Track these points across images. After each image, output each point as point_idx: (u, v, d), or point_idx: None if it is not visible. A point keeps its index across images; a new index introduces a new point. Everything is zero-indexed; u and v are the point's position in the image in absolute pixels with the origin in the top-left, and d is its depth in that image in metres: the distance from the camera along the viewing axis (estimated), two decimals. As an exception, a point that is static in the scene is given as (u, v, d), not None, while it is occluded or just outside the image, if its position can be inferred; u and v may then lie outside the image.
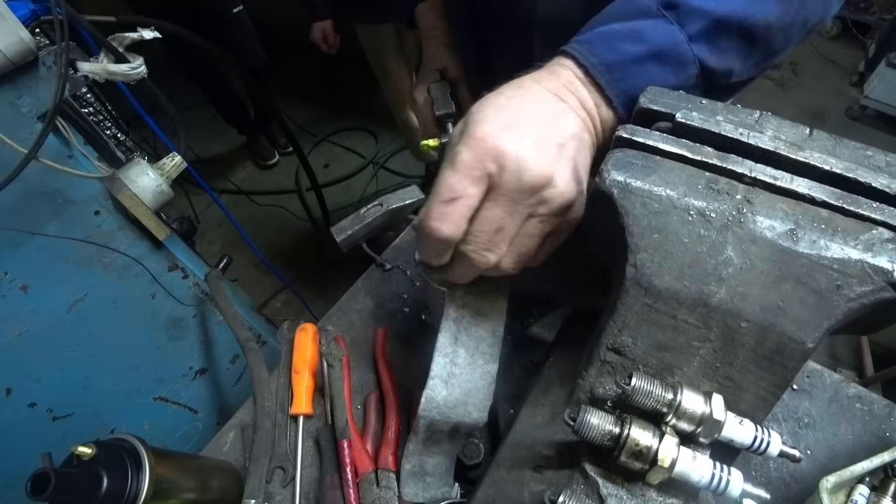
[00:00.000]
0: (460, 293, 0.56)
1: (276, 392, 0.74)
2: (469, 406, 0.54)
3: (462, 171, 0.41)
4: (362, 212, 0.83)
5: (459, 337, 0.55)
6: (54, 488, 0.44)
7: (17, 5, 0.80)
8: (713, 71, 0.49)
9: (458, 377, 0.55)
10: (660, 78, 0.46)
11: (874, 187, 0.41)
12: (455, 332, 0.56)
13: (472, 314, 0.56)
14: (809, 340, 0.39)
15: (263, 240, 2.71)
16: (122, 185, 0.95)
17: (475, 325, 0.56)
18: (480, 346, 0.55)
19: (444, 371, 0.55)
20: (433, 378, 0.54)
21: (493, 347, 0.55)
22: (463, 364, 0.55)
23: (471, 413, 0.54)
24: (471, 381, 0.55)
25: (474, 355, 0.55)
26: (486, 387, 0.55)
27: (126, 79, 0.89)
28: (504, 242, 0.44)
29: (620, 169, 0.44)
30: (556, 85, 0.46)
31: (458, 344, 0.55)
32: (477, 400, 0.54)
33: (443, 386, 0.54)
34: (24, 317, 0.94)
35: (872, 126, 3.05)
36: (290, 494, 0.66)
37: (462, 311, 0.56)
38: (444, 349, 0.55)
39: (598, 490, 0.41)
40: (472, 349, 0.55)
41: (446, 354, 0.55)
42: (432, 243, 0.44)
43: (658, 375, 0.44)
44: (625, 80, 0.47)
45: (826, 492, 0.54)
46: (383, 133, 3.20)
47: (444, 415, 0.54)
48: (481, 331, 0.55)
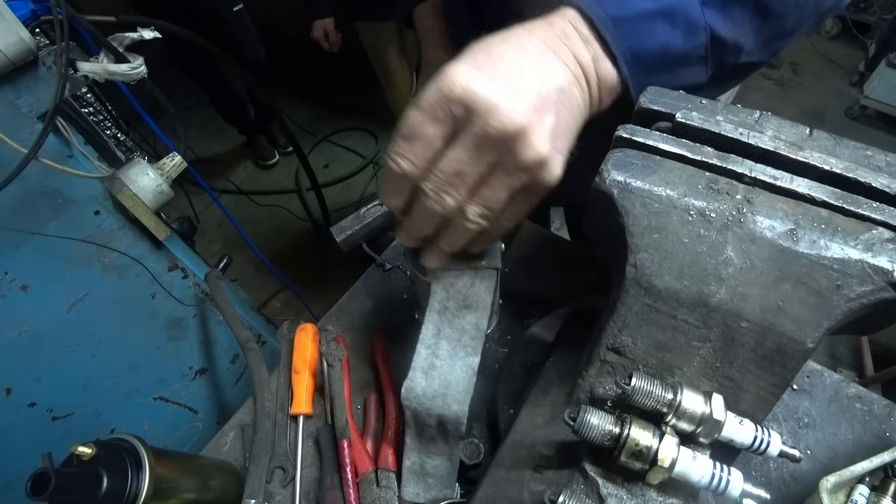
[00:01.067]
0: (445, 284, 0.56)
1: (276, 392, 0.74)
2: (448, 398, 0.54)
3: (426, 109, 0.39)
4: (362, 212, 0.83)
5: (442, 329, 0.56)
6: (54, 488, 0.44)
7: (17, 5, 0.79)
8: (724, 42, 0.47)
9: (439, 368, 0.55)
10: (669, 39, 0.44)
11: (874, 187, 0.41)
12: (438, 323, 0.56)
13: (456, 306, 0.56)
14: (809, 340, 0.39)
15: (263, 240, 2.71)
16: (122, 185, 0.95)
17: (458, 318, 0.56)
18: (463, 338, 0.55)
19: (425, 362, 0.55)
20: (413, 369, 0.55)
21: (476, 340, 0.55)
22: (444, 356, 0.55)
23: (450, 405, 0.54)
24: (451, 373, 0.55)
25: (456, 348, 0.55)
26: (467, 379, 0.55)
27: (126, 79, 0.89)
28: (463, 187, 0.41)
29: (620, 169, 0.44)
30: (549, 35, 0.43)
31: (441, 336, 0.56)
32: (456, 392, 0.54)
33: (422, 377, 0.55)
34: (24, 317, 0.94)
35: (872, 126, 3.05)
36: (290, 494, 0.66)
37: (446, 304, 0.56)
38: (427, 340, 0.56)
39: (598, 490, 0.41)
40: (455, 341, 0.55)
41: (428, 346, 0.56)
42: (389, 179, 0.42)
43: (658, 375, 0.44)
44: (632, 37, 0.44)
45: (826, 492, 0.54)
46: (383, 133, 3.20)
47: (423, 406, 0.55)
48: (465, 323, 0.55)
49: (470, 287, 0.56)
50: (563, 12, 0.45)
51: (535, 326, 0.77)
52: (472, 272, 0.56)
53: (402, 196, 0.44)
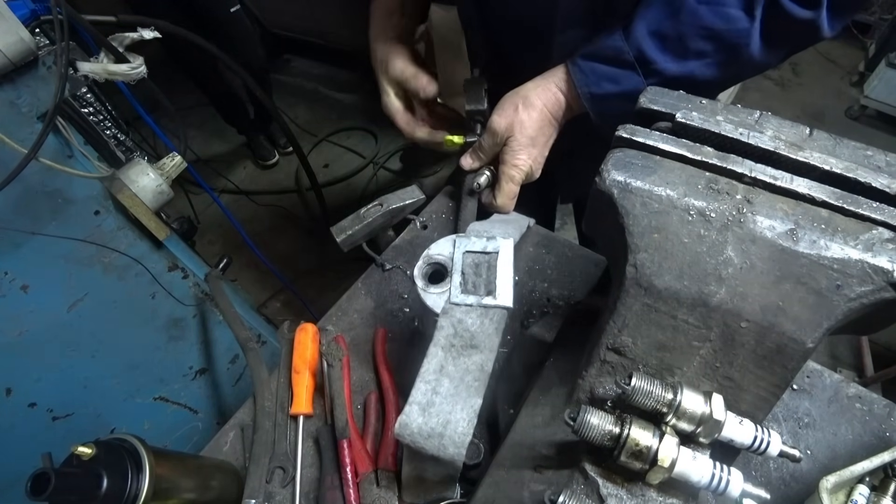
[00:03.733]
0: (454, 320, 0.55)
1: (276, 392, 0.74)
2: (445, 439, 0.50)
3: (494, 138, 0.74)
4: (362, 212, 0.83)
5: (446, 366, 0.53)
6: (54, 488, 0.44)
7: (17, 5, 0.79)
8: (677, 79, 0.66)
9: (438, 406, 0.51)
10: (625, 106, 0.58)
11: (874, 187, 0.41)
12: (442, 360, 0.54)
13: (462, 344, 0.54)
14: (809, 340, 0.39)
15: (263, 240, 2.71)
16: (122, 185, 0.95)
17: (464, 357, 0.53)
18: (466, 378, 0.52)
19: (423, 398, 0.52)
20: (411, 404, 0.52)
21: (480, 382, 0.52)
22: (445, 394, 0.52)
23: (446, 447, 0.50)
24: (451, 412, 0.51)
25: (459, 387, 0.52)
26: (467, 421, 0.51)
27: (126, 79, 0.89)
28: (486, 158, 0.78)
29: (620, 169, 0.44)
30: (549, 99, 0.71)
31: (444, 373, 0.53)
32: (455, 434, 0.50)
33: (420, 413, 0.51)
34: (24, 317, 0.94)
35: (872, 126, 3.05)
36: (290, 494, 0.66)
37: (452, 341, 0.54)
38: (427, 376, 0.53)
39: (598, 490, 0.41)
40: (458, 380, 0.52)
41: (428, 381, 0.53)
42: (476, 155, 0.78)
43: (658, 375, 0.44)
44: (601, 105, 0.68)
45: (826, 492, 0.54)
46: (383, 133, 3.19)
47: (417, 444, 0.51)
48: (470, 363, 0.53)
49: (479, 326, 0.54)
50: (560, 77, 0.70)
51: (535, 326, 0.77)
52: (482, 310, 0.55)
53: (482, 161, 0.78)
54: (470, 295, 0.56)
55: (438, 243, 0.62)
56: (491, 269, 0.58)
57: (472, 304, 0.55)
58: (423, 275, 0.61)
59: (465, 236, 0.61)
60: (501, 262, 0.58)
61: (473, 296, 0.56)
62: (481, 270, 0.58)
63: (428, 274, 0.61)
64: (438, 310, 0.56)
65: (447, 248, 0.61)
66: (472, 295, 0.56)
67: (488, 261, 0.58)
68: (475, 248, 0.60)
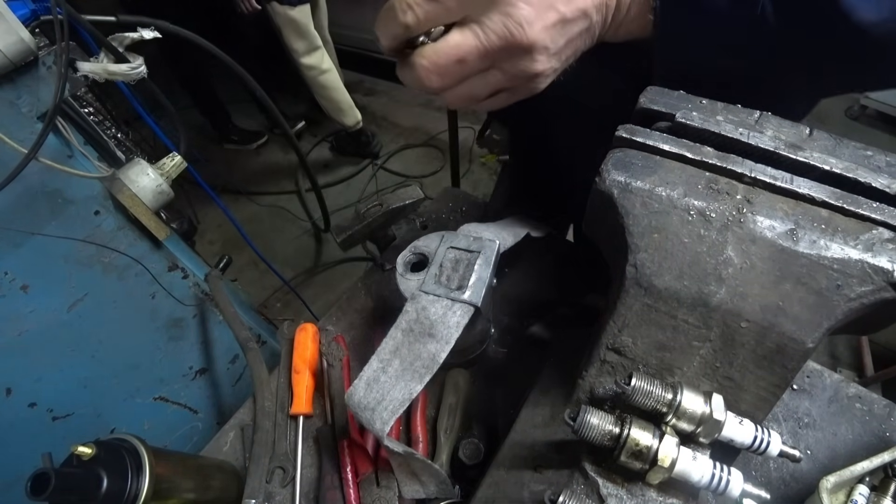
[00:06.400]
0: (419, 307, 0.56)
1: (276, 392, 0.74)
2: (375, 414, 0.53)
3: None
4: (362, 212, 0.83)
5: (400, 349, 0.55)
6: (54, 488, 0.44)
7: (17, 5, 0.79)
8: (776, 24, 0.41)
9: (381, 384, 0.54)
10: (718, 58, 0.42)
11: (874, 187, 0.41)
12: (399, 342, 0.56)
13: (420, 331, 0.55)
14: (809, 340, 0.39)
15: (263, 240, 2.71)
16: (122, 185, 0.95)
17: (419, 343, 0.55)
18: (416, 363, 0.55)
19: (372, 374, 0.55)
20: (360, 378, 0.55)
21: (427, 370, 0.54)
22: (391, 374, 0.55)
23: (373, 422, 0.53)
24: (389, 392, 0.54)
25: (406, 370, 0.54)
26: (399, 402, 0.53)
27: (126, 79, 0.89)
28: (458, 76, 0.41)
29: (620, 169, 0.44)
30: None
31: (396, 355, 0.55)
32: (384, 412, 0.53)
33: (364, 388, 0.54)
34: (24, 317, 0.94)
35: (872, 126, 3.04)
36: (290, 494, 0.66)
37: (413, 326, 0.56)
38: (382, 354, 0.56)
39: (598, 490, 0.41)
40: (407, 364, 0.55)
41: (382, 360, 0.55)
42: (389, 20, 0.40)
43: (658, 375, 0.44)
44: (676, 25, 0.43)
45: (826, 492, 0.54)
46: (383, 133, 3.20)
47: (357, 416, 0.55)
48: (423, 350, 0.55)
49: (440, 317, 0.55)
50: None
51: (535, 326, 0.77)
52: (448, 302, 0.56)
53: (393, 42, 0.42)
54: (441, 287, 0.58)
55: (429, 236, 0.64)
56: (469, 266, 0.59)
57: (440, 296, 0.57)
58: (405, 262, 0.63)
59: (454, 233, 0.63)
60: (481, 261, 0.59)
61: (444, 288, 0.58)
62: (459, 266, 0.60)
63: (410, 263, 0.63)
64: (409, 296, 0.58)
65: (435, 241, 0.64)
66: (443, 287, 0.58)
67: (469, 259, 0.60)
68: (459, 245, 0.62)
